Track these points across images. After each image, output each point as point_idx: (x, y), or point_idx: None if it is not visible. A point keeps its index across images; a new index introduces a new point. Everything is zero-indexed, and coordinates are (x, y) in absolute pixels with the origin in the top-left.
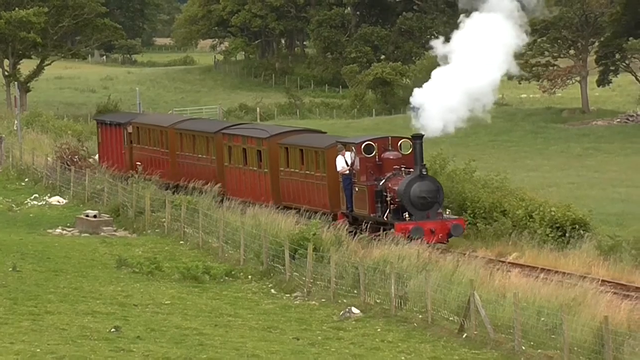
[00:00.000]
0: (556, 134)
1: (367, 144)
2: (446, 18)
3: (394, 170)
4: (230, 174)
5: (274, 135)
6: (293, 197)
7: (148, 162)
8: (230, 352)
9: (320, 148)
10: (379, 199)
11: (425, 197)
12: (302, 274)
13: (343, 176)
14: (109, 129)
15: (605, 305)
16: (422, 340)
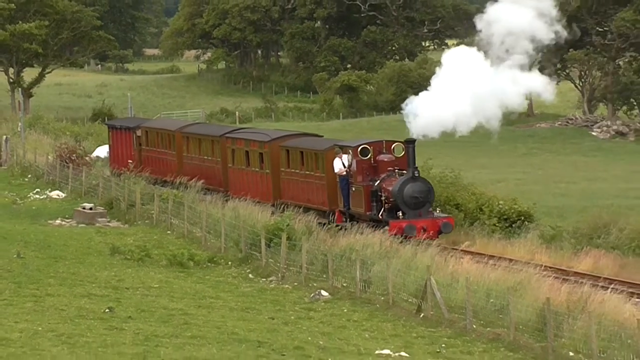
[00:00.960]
0: (505, 135)
1: (363, 147)
2: (406, 31)
3: (388, 172)
4: (233, 174)
5: (275, 139)
6: (293, 195)
7: (156, 163)
8: (212, 330)
9: (320, 150)
10: (374, 198)
11: (417, 197)
12: (276, 261)
13: (340, 177)
14: (120, 132)
15: (547, 288)
16: (384, 319)
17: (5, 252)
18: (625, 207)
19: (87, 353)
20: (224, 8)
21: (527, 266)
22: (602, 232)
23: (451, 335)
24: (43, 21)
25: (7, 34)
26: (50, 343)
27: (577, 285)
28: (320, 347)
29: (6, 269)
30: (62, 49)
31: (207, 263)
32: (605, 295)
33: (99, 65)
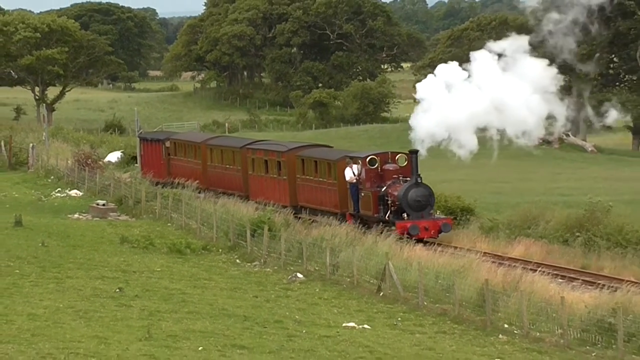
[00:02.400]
0: None
1: (371, 157)
2: (367, 56)
3: (393, 179)
4: (253, 180)
5: (291, 149)
6: (308, 199)
7: (183, 170)
8: (206, 306)
9: (332, 160)
10: (381, 202)
11: (420, 200)
12: (259, 248)
13: (351, 184)
14: (150, 144)
15: (486, 271)
16: (349, 297)
17: (32, 241)
18: (551, 203)
19: (100, 326)
20: (215, 36)
21: (469, 252)
22: (532, 224)
23: (406, 310)
24: (63, 48)
25: (33, 58)
26: (69, 317)
27: (510, 269)
28: (296, 320)
29: (33, 255)
30: (80, 71)
31: (201, 250)
32: (534, 276)
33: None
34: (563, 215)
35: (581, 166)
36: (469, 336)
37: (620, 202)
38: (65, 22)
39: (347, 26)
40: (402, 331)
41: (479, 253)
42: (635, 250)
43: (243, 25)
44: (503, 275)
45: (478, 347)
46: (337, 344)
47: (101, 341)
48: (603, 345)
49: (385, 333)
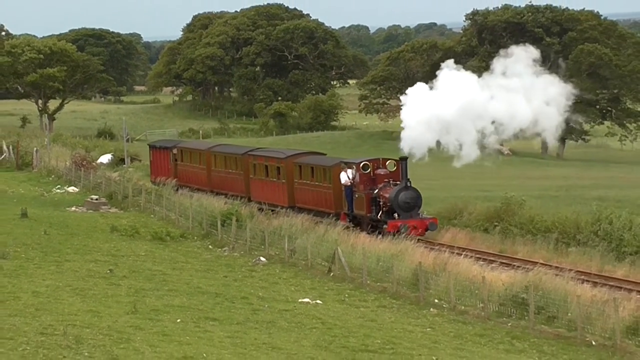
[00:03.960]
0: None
1: (364, 163)
2: (319, 74)
3: (384, 183)
4: (254, 183)
5: (289, 156)
6: (305, 200)
7: (189, 175)
8: (183, 285)
9: (328, 166)
10: (374, 203)
11: (409, 202)
12: (228, 236)
13: (345, 187)
14: (159, 151)
15: (419, 255)
16: (305, 277)
17: (36, 230)
18: (474, 198)
19: (94, 302)
20: (191, 57)
21: (405, 239)
22: (458, 215)
23: (352, 288)
24: (62, 67)
25: (37, 76)
26: (67, 294)
27: (440, 253)
28: (260, 297)
29: (36, 242)
30: (76, 87)
31: (179, 238)
32: (460, 259)
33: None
34: (484, 208)
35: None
36: (405, 310)
37: (531, 197)
38: (64, 45)
39: (302, 49)
40: (349, 305)
41: (413, 240)
42: (544, 237)
43: (214, 48)
44: (434, 258)
45: (413, 318)
46: (295, 316)
47: (94, 314)
48: (517, 316)
49: (334, 307)
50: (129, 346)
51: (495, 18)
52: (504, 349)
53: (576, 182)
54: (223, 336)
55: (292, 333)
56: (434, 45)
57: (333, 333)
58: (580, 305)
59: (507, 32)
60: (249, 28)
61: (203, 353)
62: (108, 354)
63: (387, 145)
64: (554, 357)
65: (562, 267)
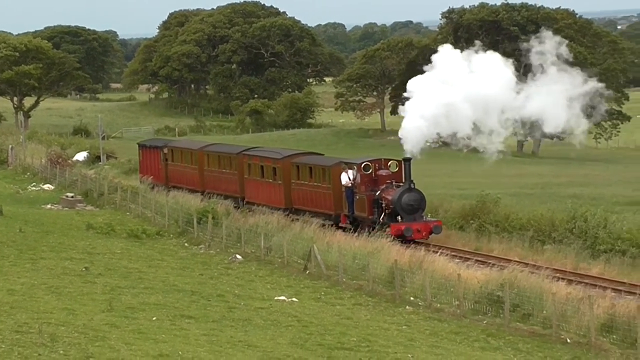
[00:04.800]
0: (365, 145)
1: (365, 164)
2: (296, 72)
3: (387, 184)
4: (249, 184)
5: (286, 157)
6: (303, 202)
7: (180, 175)
8: (159, 283)
9: (327, 166)
10: (376, 205)
11: (412, 204)
12: (204, 234)
13: (346, 188)
14: (149, 150)
15: (395, 253)
16: (281, 275)
17: (11, 227)
18: (449, 195)
19: (69, 299)
20: (167, 55)
21: (381, 237)
22: (433, 213)
23: (328, 286)
24: (38, 64)
25: (13, 73)
26: (43, 292)
27: (416, 250)
28: (236, 294)
29: (12, 239)
30: (52, 84)
31: (155, 236)
32: (436, 257)
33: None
34: (459, 206)
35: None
36: (381, 307)
37: (507, 195)
38: (39, 43)
39: (278, 47)
40: (325, 303)
41: (389, 238)
42: (519, 235)
43: (191, 46)
44: (409, 256)
45: (389, 316)
46: (270, 314)
47: (70, 312)
48: (492, 314)
49: (310, 305)
50: (105, 344)
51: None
52: (479, 347)
53: (551, 180)
54: (199, 334)
55: (268, 331)
56: (410, 43)
57: (309, 331)
58: (556, 302)
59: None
60: (225, 26)
61: (179, 351)
62: (83, 352)
63: (363, 142)
64: (529, 354)
65: (537, 264)
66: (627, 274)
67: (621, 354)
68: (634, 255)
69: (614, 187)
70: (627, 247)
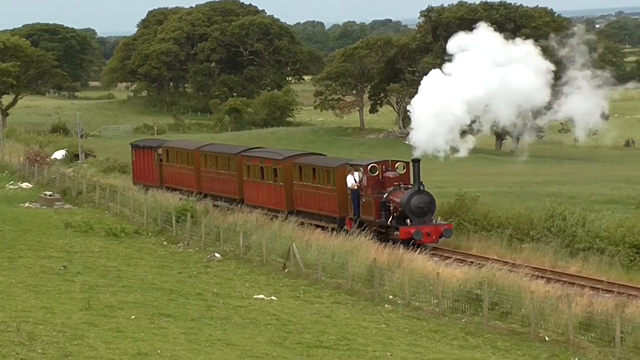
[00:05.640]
0: (344, 143)
1: (372, 165)
2: (275, 70)
3: (394, 186)
4: (248, 186)
5: (287, 157)
6: (305, 204)
7: (176, 176)
8: (138, 281)
9: (332, 167)
10: (383, 208)
11: (422, 207)
12: (183, 232)
13: (352, 190)
14: (142, 151)
15: (374, 251)
16: (260, 273)
17: None
18: None
19: (47, 298)
20: (146, 53)
21: (360, 236)
22: None
23: (307, 284)
24: (16, 62)
25: None
26: (21, 291)
27: (395, 249)
28: (215, 293)
29: None
30: (30, 82)
31: (133, 234)
32: (414, 255)
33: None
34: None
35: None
36: (360, 306)
37: (486, 193)
38: (17, 41)
39: (257, 45)
40: (304, 302)
41: (368, 236)
42: (497, 233)
43: (169, 44)
44: (388, 254)
45: (367, 314)
46: (249, 312)
47: (48, 311)
48: (471, 312)
49: (289, 303)
50: (83, 343)
51: (450, 15)
52: (457, 345)
53: (530, 179)
54: (177, 332)
55: (246, 329)
56: (389, 41)
57: (288, 329)
58: (534, 301)
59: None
60: (204, 24)
61: (157, 349)
62: (61, 350)
63: (342, 141)
64: (507, 352)
65: (516, 263)
66: (605, 272)
67: (599, 352)
68: (612, 253)
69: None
70: (605, 246)
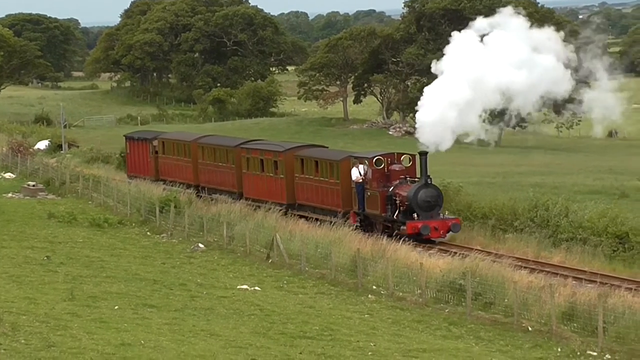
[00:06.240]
0: (328, 134)
1: (377, 158)
2: (258, 60)
3: (400, 179)
4: (247, 179)
5: (289, 149)
6: (307, 197)
7: (172, 169)
8: (121, 272)
9: (335, 160)
10: (389, 202)
11: (429, 201)
12: (167, 222)
13: (357, 184)
14: (137, 143)
15: (357, 241)
16: (243, 264)
17: None
18: None
19: (31, 288)
20: (129, 43)
21: (343, 226)
22: None
23: (291, 275)
24: None
25: None
26: (4, 281)
27: (378, 239)
28: (198, 283)
29: None
30: (13, 72)
31: (117, 224)
32: (398, 246)
33: (40, 83)
34: None
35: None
36: (344, 296)
37: (469, 184)
38: (0, 30)
39: (241, 35)
40: (287, 292)
41: (351, 227)
42: (481, 224)
43: (153, 34)
44: (372, 244)
45: (351, 305)
46: (233, 303)
47: (31, 301)
48: (455, 302)
49: (273, 294)
50: (66, 333)
51: (434, 5)
52: (441, 335)
53: (513, 169)
54: (161, 323)
55: (230, 320)
56: (373, 32)
57: (271, 319)
58: (517, 291)
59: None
60: (188, 14)
61: (141, 340)
62: (45, 341)
63: (326, 131)
64: (490, 342)
65: (499, 253)
66: (588, 262)
67: (582, 342)
68: (595, 243)
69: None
70: (588, 236)
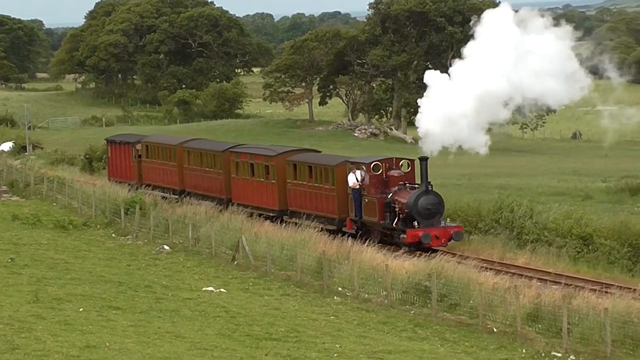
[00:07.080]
0: (293, 135)
1: (375, 163)
2: (224, 62)
3: (399, 186)
4: (236, 184)
5: (281, 154)
6: (300, 204)
7: (156, 173)
8: (86, 274)
9: (330, 165)
10: (388, 209)
11: (430, 208)
12: (132, 224)
13: (354, 190)
14: (119, 147)
15: (323, 243)
16: (209, 266)
17: None
18: None
19: None
20: (94, 44)
21: (308, 228)
22: None
23: (256, 276)
24: None
25: None
26: None
27: (343, 241)
28: (164, 285)
29: None
30: None
31: (82, 226)
32: (363, 247)
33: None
34: None
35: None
36: (309, 298)
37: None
38: None
39: (206, 37)
40: (253, 294)
41: (317, 229)
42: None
43: (118, 35)
44: (337, 246)
45: (317, 307)
46: (198, 305)
47: None
48: (420, 304)
49: (239, 295)
50: (31, 335)
51: (399, 7)
52: (406, 337)
53: (478, 171)
54: (126, 325)
55: (195, 322)
56: (338, 34)
57: (237, 321)
58: (482, 292)
59: (410, 21)
60: (153, 15)
61: (106, 342)
62: (9, 343)
63: (291, 133)
64: (456, 344)
65: (464, 255)
66: (553, 264)
67: (546, 343)
68: (560, 245)
69: (539, 177)
70: (553, 237)
